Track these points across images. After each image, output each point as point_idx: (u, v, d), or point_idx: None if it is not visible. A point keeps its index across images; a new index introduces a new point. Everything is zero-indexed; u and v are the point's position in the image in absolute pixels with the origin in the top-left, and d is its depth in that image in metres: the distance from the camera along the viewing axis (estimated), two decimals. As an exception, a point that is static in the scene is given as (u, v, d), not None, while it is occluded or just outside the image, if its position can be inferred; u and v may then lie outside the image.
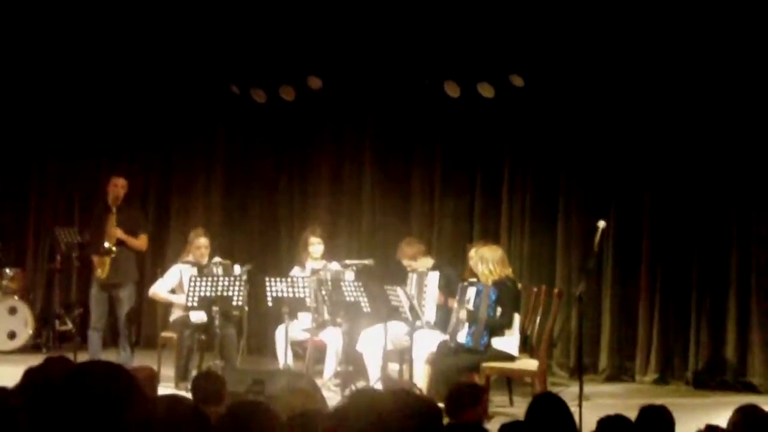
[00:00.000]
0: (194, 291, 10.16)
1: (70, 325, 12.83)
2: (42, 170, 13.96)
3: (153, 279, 11.54)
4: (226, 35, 12.63)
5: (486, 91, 12.00)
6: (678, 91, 11.39)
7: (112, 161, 13.31)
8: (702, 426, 4.78)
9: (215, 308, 10.22)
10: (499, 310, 9.54)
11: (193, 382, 6.86)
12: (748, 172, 11.22)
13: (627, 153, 11.68)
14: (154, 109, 13.61)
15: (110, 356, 11.17)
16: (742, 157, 11.24)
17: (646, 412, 5.43)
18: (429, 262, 10.61)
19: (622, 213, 11.66)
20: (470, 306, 9.59)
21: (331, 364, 10.70)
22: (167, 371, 10.58)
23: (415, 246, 10.69)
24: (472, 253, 10.14)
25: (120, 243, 11.06)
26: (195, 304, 10.23)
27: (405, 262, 10.61)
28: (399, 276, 10.62)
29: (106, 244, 10.97)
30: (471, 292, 9.67)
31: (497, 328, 9.58)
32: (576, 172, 11.93)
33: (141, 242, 11.37)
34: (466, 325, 9.64)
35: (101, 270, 11.07)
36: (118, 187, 11.23)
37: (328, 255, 11.28)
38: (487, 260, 9.73)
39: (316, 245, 11.17)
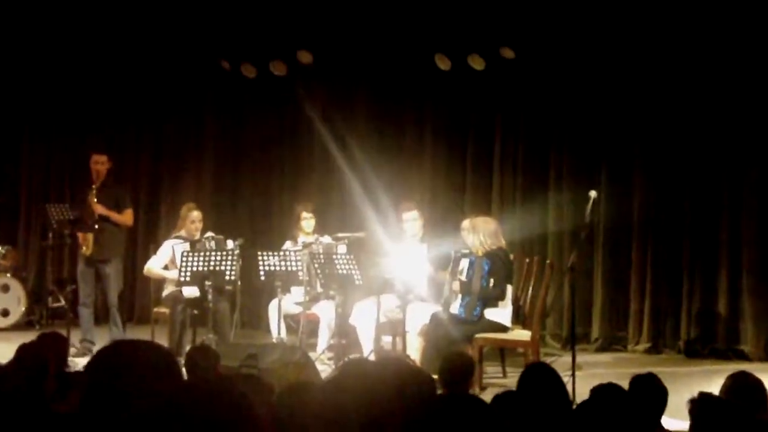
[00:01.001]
0: (187, 266, 10.16)
1: (62, 302, 12.83)
2: (32, 148, 13.95)
3: (146, 256, 11.54)
4: (216, 10, 12.59)
5: (476, 63, 11.99)
6: (667, 61, 11.38)
7: (102, 138, 13.27)
8: (695, 393, 4.80)
9: (208, 283, 10.22)
10: (491, 281, 9.56)
11: (186, 357, 6.87)
12: (738, 144, 11.23)
13: (618, 124, 11.69)
14: (144, 85, 13.57)
15: (102, 332, 11.21)
16: (732, 129, 11.24)
17: (638, 381, 5.46)
18: (421, 230, 10.62)
19: (614, 183, 11.68)
20: (463, 277, 9.60)
21: (324, 337, 10.72)
22: (161, 347, 10.58)
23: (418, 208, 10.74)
24: (466, 224, 10.15)
25: (104, 219, 11.04)
26: (188, 279, 10.22)
27: (406, 217, 10.57)
28: (390, 249, 10.64)
29: (88, 221, 10.98)
30: (464, 263, 9.68)
31: (490, 299, 9.60)
32: (567, 143, 11.94)
33: (125, 217, 11.33)
34: (459, 296, 9.66)
35: (86, 246, 11.07)
36: (98, 164, 11.19)
37: (320, 229, 11.29)
38: (479, 231, 9.74)
39: (308, 220, 11.18)
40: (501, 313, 9.66)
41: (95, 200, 11.01)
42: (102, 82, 13.54)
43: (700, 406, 4.69)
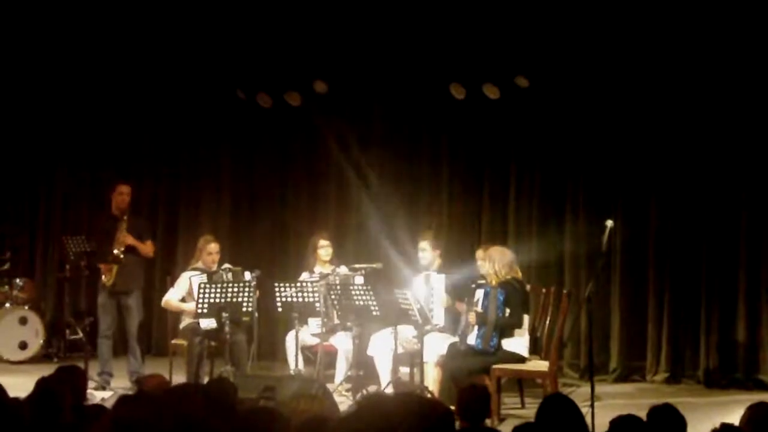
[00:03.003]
0: (204, 298, 10.15)
1: (80, 334, 12.79)
2: (50, 180, 13.97)
3: (163, 288, 11.53)
4: (232, 41, 12.64)
5: (491, 92, 12.00)
6: (682, 88, 11.38)
7: (119, 169, 13.30)
8: (714, 424, 4.77)
9: (225, 314, 10.20)
10: (507, 311, 9.53)
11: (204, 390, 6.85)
12: (755, 168, 11.21)
13: (633, 152, 11.68)
14: (161, 116, 13.60)
15: (121, 364, 11.20)
16: (750, 154, 11.23)
17: (655, 412, 5.42)
18: (437, 262, 10.60)
19: (630, 212, 11.65)
20: (479, 308, 9.57)
21: (341, 369, 10.70)
22: (178, 378, 10.56)
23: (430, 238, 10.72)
24: (481, 253, 10.14)
25: (129, 250, 11.04)
26: (205, 311, 10.21)
27: (425, 249, 10.56)
28: (407, 279, 10.65)
29: (116, 251, 10.95)
30: (479, 293, 9.67)
31: (507, 328, 9.56)
32: (583, 172, 11.92)
33: (149, 248, 11.34)
34: (476, 327, 9.63)
35: (108, 277, 11.03)
36: (124, 194, 11.16)
37: (336, 259, 11.28)
38: (494, 261, 9.72)
39: (325, 248, 11.17)
40: (518, 344, 9.63)
41: (125, 231, 11.00)
42: (118, 113, 13.58)
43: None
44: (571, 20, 11.43)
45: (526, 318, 9.72)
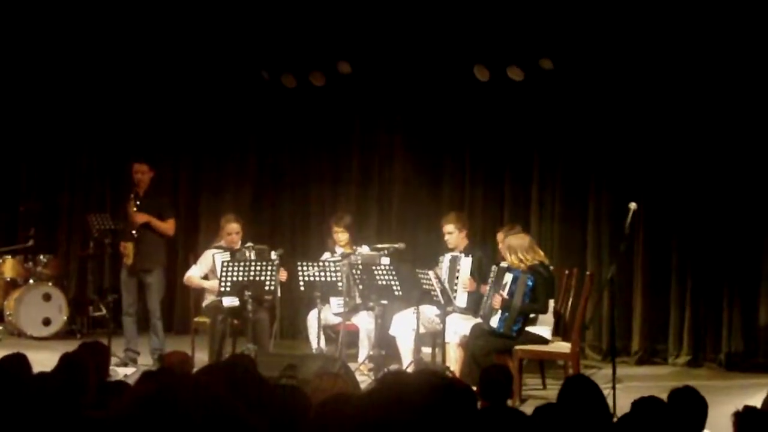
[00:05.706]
0: (227, 276, 10.17)
1: (104, 311, 12.89)
2: (75, 158, 14.04)
3: (185, 265, 11.58)
4: (256, 21, 12.64)
5: (515, 74, 11.98)
6: (708, 70, 11.31)
7: (142, 148, 13.32)
8: (736, 407, 4.77)
9: (247, 293, 10.23)
10: (533, 297, 9.49)
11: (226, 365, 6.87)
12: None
13: (658, 134, 11.63)
14: (184, 95, 13.62)
15: (145, 341, 11.25)
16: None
17: (676, 394, 5.42)
18: (464, 242, 10.58)
19: (653, 194, 11.62)
20: (505, 293, 9.51)
21: (363, 348, 10.73)
22: (201, 356, 10.64)
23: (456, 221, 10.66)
24: (501, 236, 10.14)
25: (145, 227, 11.05)
26: (227, 289, 10.24)
27: (451, 232, 10.54)
28: (430, 260, 10.65)
29: (128, 230, 11.01)
30: (508, 277, 9.60)
31: (532, 312, 9.53)
32: (606, 155, 11.89)
33: (167, 226, 11.29)
34: (499, 311, 9.59)
35: (127, 256, 11.10)
36: (138, 173, 11.19)
37: (357, 241, 11.26)
38: (515, 249, 9.63)
39: (338, 234, 11.16)
40: (541, 327, 9.62)
41: (135, 209, 11.04)
42: (142, 93, 13.62)
43: (744, 419, 4.67)
44: (596, 2, 11.39)
45: (551, 302, 9.69)
